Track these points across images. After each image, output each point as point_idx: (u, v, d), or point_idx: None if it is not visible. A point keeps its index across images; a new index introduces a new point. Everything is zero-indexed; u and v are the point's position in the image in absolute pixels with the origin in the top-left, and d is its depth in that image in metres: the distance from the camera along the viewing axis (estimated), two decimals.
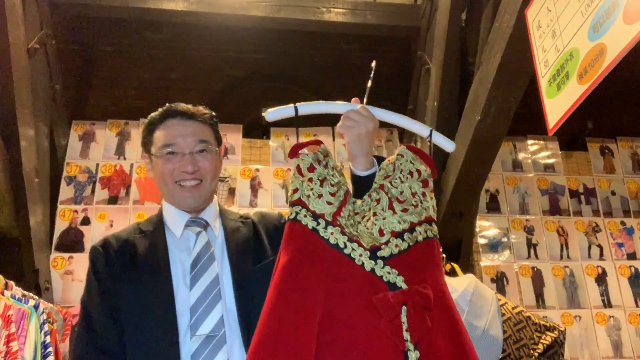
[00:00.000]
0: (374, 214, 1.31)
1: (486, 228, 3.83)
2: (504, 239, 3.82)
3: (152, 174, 1.53)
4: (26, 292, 2.55)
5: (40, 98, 3.33)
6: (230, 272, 1.40)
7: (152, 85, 4.03)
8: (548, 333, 2.03)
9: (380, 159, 1.45)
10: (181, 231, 1.45)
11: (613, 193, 4.06)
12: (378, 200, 1.33)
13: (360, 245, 1.25)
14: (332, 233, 1.25)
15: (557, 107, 1.61)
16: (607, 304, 3.72)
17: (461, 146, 2.98)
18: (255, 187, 3.78)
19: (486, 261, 3.73)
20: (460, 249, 3.39)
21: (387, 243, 1.27)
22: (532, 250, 3.81)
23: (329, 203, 1.28)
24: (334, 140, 3.92)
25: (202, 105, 1.59)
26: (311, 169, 1.32)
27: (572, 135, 4.19)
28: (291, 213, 1.28)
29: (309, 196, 1.29)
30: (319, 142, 1.37)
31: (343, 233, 1.26)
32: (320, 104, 1.46)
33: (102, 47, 4.02)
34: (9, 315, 2.28)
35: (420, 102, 3.72)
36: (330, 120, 3.98)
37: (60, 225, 3.56)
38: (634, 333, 3.65)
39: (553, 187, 4.02)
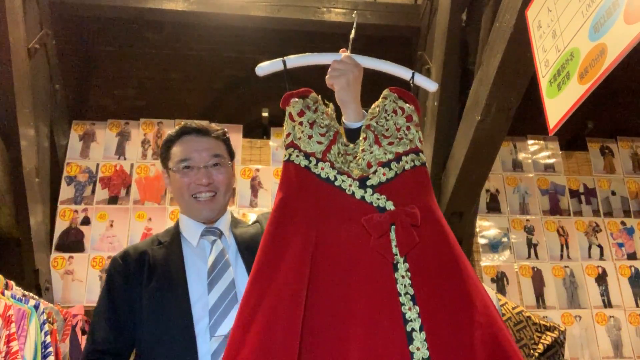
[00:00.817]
0: (362, 150, 1.40)
1: (486, 228, 3.83)
2: (504, 239, 3.82)
3: (171, 189, 1.64)
4: (26, 292, 2.55)
5: (41, 98, 3.33)
6: (246, 275, 1.48)
7: (153, 85, 4.03)
8: (548, 333, 2.03)
9: None
10: (197, 240, 1.55)
11: (613, 193, 4.06)
12: (365, 138, 1.42)
13: (349, 176, 1.35)
14: (322, 168, 1.36)
15: (557, 107, 1.61)
16: (608, 304, 3.72)
17: (461, 146, 2.98)
18: (255, 187, 3.78)
19: (486, 261, 3.73)
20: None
21: (374, 172, 1.36)
22: (532, 250, 3.81)
23: (319, 142, 1.39)
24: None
25: (212, 122, 1.71)
26: (301, 113, 1.42)
27: (573, 135, 4.19)
28: (285, 155, 1.38)
29: (300, 138, 1.39)
30: (309, 91, 1.47)
31: (333, 167, 1.36)
32: (308, 56, 1.56)
33: (102, 47, 4.02)
34: (9, 315, 2.28)
35: (420, 102, 3.71)
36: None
37: (61, 225, 3.56)
38: (634, 333, 3.65)
39: (553, 187, 4.02)
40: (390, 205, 1.31)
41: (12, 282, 2.49)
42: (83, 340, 2.81)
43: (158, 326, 1.40)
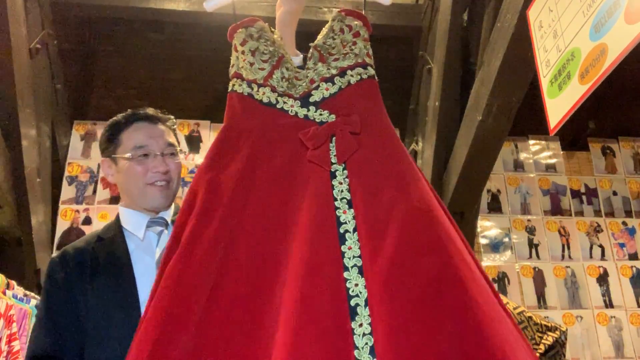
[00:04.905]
0: (307, 69, 1.39)
1: (487, 228, 3.83)
2: (506, 239, 3.82)
3: (114, 178, 1.53)
4: (28, 292, 2.56)
5: (42, 98, 3.34)
6: None
7: (154, 85, 4.03)
8: (549, 333, 2.03)
9: None
10: (143, 233, 1.46)
11: (615, 193, 4.06)
12: (310, 57, 1.41)
13: (290, 97, 1.34)
14: (263, 93, 1.34)
15: (558, 107, 1.61)
16: (609, 304, 3.72)
17: (463, 146, 2.98)
18: None
19: (487, 261, 3.73)
20: None
21: (316, 88, 1.35)
22: (533, 251, 3.81)
23: (261, 69, 1.37)
24: None
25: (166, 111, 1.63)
26: (243, 43, 1.41)
27: (574, 135, 4.19)
28: (230, 86, 1.38)
29: (242, 67, 1.38)
30: (254, 20, 1.46)
31: (274, 91, 1.34)
32: None
33: (103, 47, 4.03)
34: (10, 315, 2.28)
35: (421, 102, 3.72)
36: None
37: (62, 225, 3.57)
38: (635, 333, 3.65)
39: (554, 187, 4.02)
40: (332, 119, 1.31)
41: (13, 282, 2.50)
42: None
43: (106, 325, 1.32)
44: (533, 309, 3.52)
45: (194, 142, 3.88)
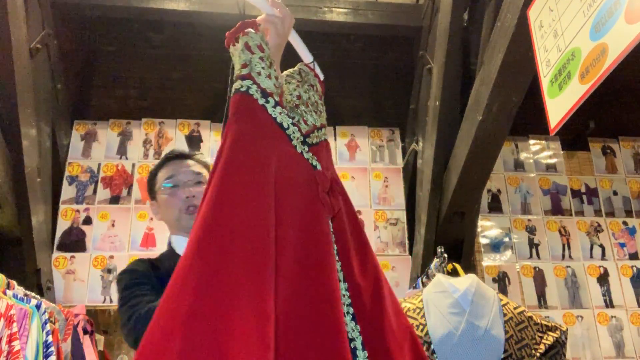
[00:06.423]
0: (307, 106, 1.40)
1: (488, 228, 3.83)
2: (506, 239, 3.82)
3: (160, 216, 1.67)
4: (28, 292, 2.56)
5: (42, 98, 3.34)
6: None
7: (154, 85, 4.04)
8: (550, 333, 2.03)
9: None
10: None
11: (615, 193, 4.06)
12: (299, 97, 1.39)
13: (299, 130, 1.32)
14: (280, 113, 1.29)
15: (558, 107, 1.61)
16: (609, 304, 3.72)
17: (463, 146, 2.98)
18: None
19: (488, 261, 3.73)
20: (462, 249, 3.39)
21: (312, 132, 1.36)
22: (534, 250, 3.81)
23: (276, 86, 1.31)
24: (335, 140, 3.93)
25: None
26: (261, 48, 1.32)
27: (574, 135, 4.19)
28: (242, 86, 1.26)
29: (259, 73, 1.28)
30: (258, 28, 1.36)
31: (288, 115, 1.31)
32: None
33: (103, 46, 4.03)
34: (10, 315, 2.28)
35: (422, 101, 3.72)
36: (332, 120, 3.98)
37: (62, 225, 3.57)
38: (636, 333, 3.65)
39: (555, 187, 4.02)
40: (319, 166, 1.32)
41: (13, 282, 2.50)
42: (84, 340, 2.81)
43: None
44: (533, 309, 3.53)
45: (194, 142, 3.88)
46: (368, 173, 3.91)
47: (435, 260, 2.38)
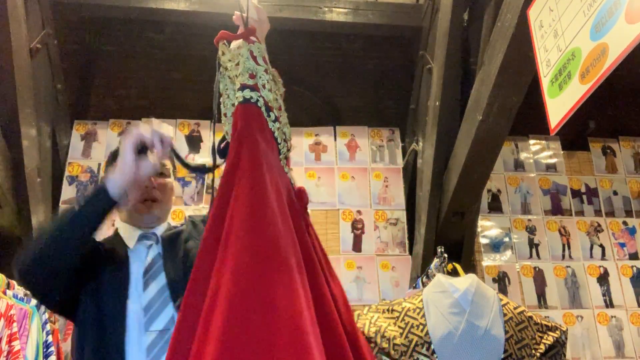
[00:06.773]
0: (280, 118, 1.36)
1: (488, 228, 3.83)
2: (506, 239, 3.82)
3: None
4: (28, 292, 2.56)
5: (42, 98, 3.34)
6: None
7: (154, 85, 4.04)
8: (550, 333, 2.03)
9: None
10: (134, 244, 1.59)
11: (615, 193, 4.06)
12: (280, 108, 1.36)
13: (286, 145, 1.33)
14: (278, 128, 1.29)
15: (559, 106, 1.61)
16: (609, 304, 3.72)
17: (463, 146, 2.98)
18: None
19: (488, 261, 3.73)
20: (462, 249, 3.40)
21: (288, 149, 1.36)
22: (534, 250, 3.81)
23: (276, 100, 1.32)
24: (335, 140, 3.93)
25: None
26: (265, 61, 1.32)
27: (574, 135, 4.19)
28: (252, 97, 1.26)
29: (264, 86, 1.28)
30: (253, 30, 1.36)
31: (282, 131, 1.32)
32: None
33: (104, 46, 4.03)
34: (10, 315, 2.28)
35: (422, 101, 3.72)
36: (332, 120, 3.99)
37: None
38: (636, 333, 3.65)
39: (555, 187, 4.01)
40: (293, 180, 1.33)
41: (13, 282, 2.50)
42: None
43: (96, 319, 1.42)
44: (533, 309, 3.53)
45: (194, 142, 3.88)
46: (368, 173, 3.91)
47: (435, 260, 2.38)
